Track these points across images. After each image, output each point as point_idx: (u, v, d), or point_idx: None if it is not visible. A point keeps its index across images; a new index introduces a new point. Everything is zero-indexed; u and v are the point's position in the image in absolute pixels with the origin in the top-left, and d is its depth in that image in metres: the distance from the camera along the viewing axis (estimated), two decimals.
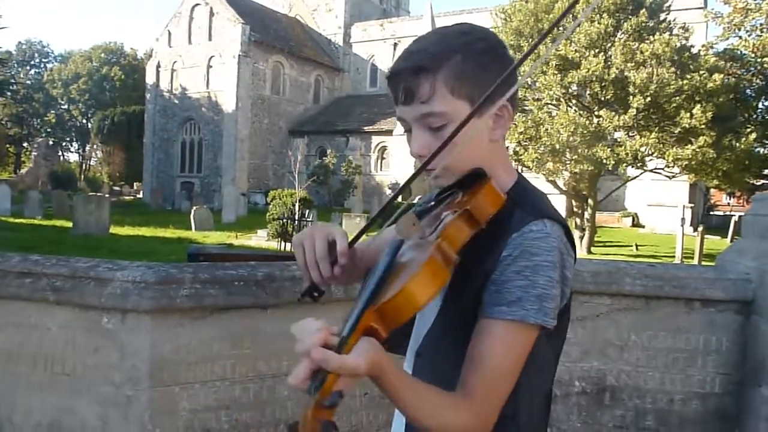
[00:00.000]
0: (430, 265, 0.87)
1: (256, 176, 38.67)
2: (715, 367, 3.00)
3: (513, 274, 0.97)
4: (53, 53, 68.08)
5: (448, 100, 1.03)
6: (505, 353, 0.97)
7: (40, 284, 2.27)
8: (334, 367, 0.79)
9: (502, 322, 0.96)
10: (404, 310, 0.86)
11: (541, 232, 0.99)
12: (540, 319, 0.96)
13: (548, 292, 0.97)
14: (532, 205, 1.05)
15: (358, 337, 0.84)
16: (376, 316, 0.86)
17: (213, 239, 17.68)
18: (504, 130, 1.10)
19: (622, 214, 31.48)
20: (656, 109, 17.66)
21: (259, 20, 39.49)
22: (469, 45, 1.05)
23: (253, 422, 2.41)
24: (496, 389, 0.96)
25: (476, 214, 0.97)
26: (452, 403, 0.94)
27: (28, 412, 2.31)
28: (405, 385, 0.90)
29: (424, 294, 0.86)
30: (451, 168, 1.05)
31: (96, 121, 54.44)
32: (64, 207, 23.29)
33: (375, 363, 0.84)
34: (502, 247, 0.99)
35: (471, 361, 0.97)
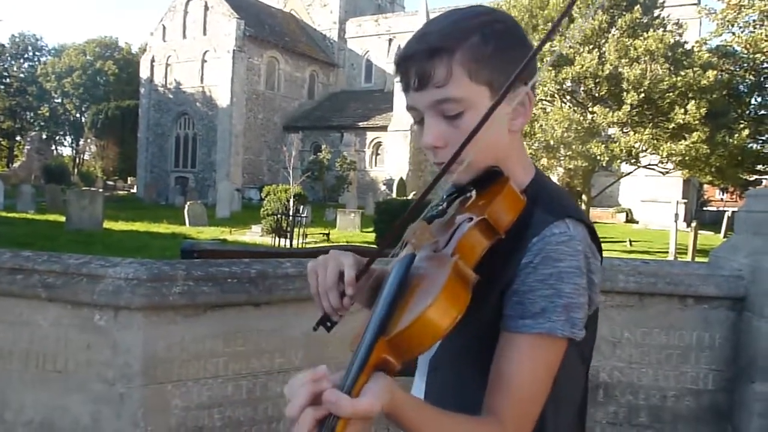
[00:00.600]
0: (449, 288, 0.78)
1: (250, 171, 38.59)
2: (708, 364, 3.01)
3: (536, 283, 0.89)
4: (47, 47, 67.67)
5: (465, 85, 0.94)
6: (533, 370, 0.89)
7: (32, 281, 2.25)
8: (346, 412, 0.70)
9: (527, 337, 0.88)
10: (422, 339, 0.76)
11: (563, 235, 0.91)
12: (568, 332, 0.88)
13: (575, 301, 0.89)
14: (553, 204, 0.96)
15: (369, 373, 0.75)
16: (389, 348, 0.76)
17: (207, 235, 17.63)
18: (525, 120, 1.01)
19: (616, 210, 31.61)
20: (650, 105, 17.72)
21: (254, 15, 39.35)
22: (487, 25, 0.96)
23: (246, 419, 2.41)
24: (526, 409, 0.89)
25: (494, 222, 0.88)
26: (481, 429, 0.87)
27: (19, 409, 2.29)
28: (427, 418, 0.81)
29: (444, 321, 0.76)
30: (468, 162, 0.93)
31: (90, 115, 54.22)
32: (58, 201, 23.17)
33: (389, 401, 0.75)
34: (523, 253, 0.91)
35: (498, 381, 0.89)
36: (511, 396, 0.88)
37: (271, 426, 2.48)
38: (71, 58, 61.65)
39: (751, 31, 22.05)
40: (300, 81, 42.10)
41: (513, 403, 0.88)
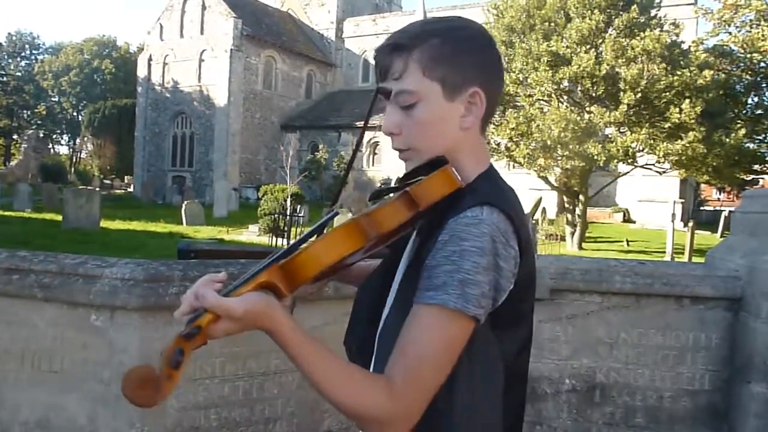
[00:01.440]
0: (345, 230, 0.89)
1: (247, 171, 38.54)
2: (705, 364, 3.02)
3: (442, 258, 0.95)
4: (44, 45, 67.47)
5: (419, 79, 1.03)
6: (428, 339, 0.93)
7: (28, 281, 2.25)
8: (209, 303, 0.83)
9: (426, 307, 0.93)
10: (307, 267, 0.88)
11: (475, 218, 0.96)
12: (460, 305, 0.92)
13: (472, 278, 0.93)
14: (484, 194, 1.01)
15: (251, 288, 0.86)
16: (279, 273, 0.88)
17: (204, 234, 17.61)
18: (476, 119, 1.07)
19: (613, 210, 31.64)
20: (647, 105, 17.72)
21: (251, 14, 39.29)
22: (451, 31, 1.05)
23: (242, 420, 2.40)
24: (419, 377, 0.92)
25: (416, 196, 0.95)
26: (370, 384, 0.92)
27: (16, 409, 2.29)
28: (309, 349, 0.89)
29: (328, 255, 0.88)
30: (418, 149, 1.06)
31: (87, 113, 54.09)
32: (54, 200, 23.14)
33: (260, 313, 0.85)
34: (440, 231, 0.97)
35: (396, 346, 0.94)
36: (405, 359, 0.92)
37: (268, 426, 2.48)
38: (68, 56, 61.51)
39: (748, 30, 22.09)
40: (297, 80, 42.05)
41: (405, 366, 0.92)
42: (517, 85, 18.90)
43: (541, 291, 2.98)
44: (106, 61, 61.33)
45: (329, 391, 0.89)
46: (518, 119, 18.36)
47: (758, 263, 2.88)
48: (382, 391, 0.91)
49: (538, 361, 3.03)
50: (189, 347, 0.81)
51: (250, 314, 0.85)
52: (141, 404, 0.79)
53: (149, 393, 0.78)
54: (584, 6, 18.14)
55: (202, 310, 0.83)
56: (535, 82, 18.29)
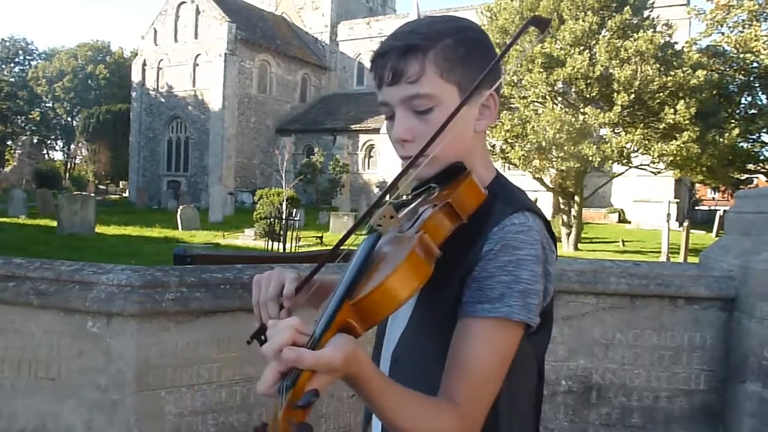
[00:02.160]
0: (412, 258, 0.82)
1: (243, 175, 38.52)
2: (700, 364, 3.03)
3: (495, 269, 0.92)
4: (37, 50, 67.21)
5: (437, 83, 0.99)
6: (490, 354, 0.91)
7: (24, 288, 2.25)
8: (308, 363, 0.72)
9: (485, 321, 0.91)
10: (384, 305, 0.81)
11: (523, 225, 0.94)
12: (524, 316, 0.91)
13: (532, 288, 0.92)
14: (513, 198, 1.01)
15: (334, 333, 0.78)
16: (353, 312, 0.80)
17: (200, 239, 17.58)
18: (489, 122, 1.06)
19: (608, 211, 31.72)
20: (641, 106, 17.77)
21: (246, 18, 39.29)
22: (460, 31, 1.02)
23: (240, 425, 2.40)
24: (482, 393, 0.91)
25: (458, 207, 0.92)
26: (437, 408, 0.89)
27: (12, 417, 2.28)
28: (385, 386, 0.84)
29: (405, 289, 0.81)
30: (436, 156, 0.98)
31: (81, 119, 53.98)
32: (49, 206, 23.07)
33: (352, 358, 0.77)
34: (483, 241, 0.94)
35: (454, 364, 0.92)
36: (467, 378, 0.90)
37: None
38: (62, 62, 61.36)
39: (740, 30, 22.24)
40: (292, 84, 42.06)
41: (469, 386, 0.90)
42: (512, 86, 18.93)
43: None
44: (100, 66, 61.19)
45: (406, 425, 0.85)
46: (513, 121, 18.40)
47: (752, 263, 2.90)
48: (451, 414, 0.88)
49: None
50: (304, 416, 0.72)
51: (347, 362, 0.76)
52: None
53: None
54: (577, 8, 18.19)
55: (296, 373, 0.73)
56: (529, 84, 18.33)
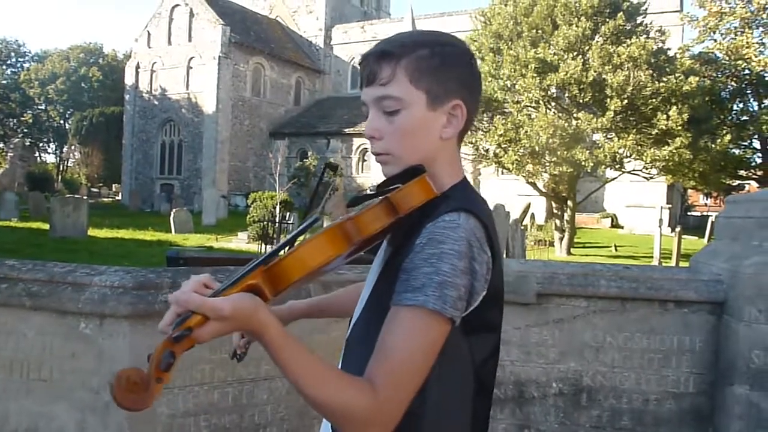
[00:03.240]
0: (328, 235, 0.92)
1: (236, 178, 38.45)
2: (689, 367, 3.06)
3: (420, 261, 0.97)
4: (30, 53, 66.84)
5: (405, 87, 1.05)
6: (407, 340, 0.94)
7: (16, 289, 2.25)
8: (194, 305, 0.83)
9: (405, 309, 0.95)
10: (291, 271, 0.90)
11: (452, 222, 0.99)
12: (439, 306, 0.94)
13: (450, 280, 0.95)
14: (460, 201, 1.05)
15: (237, 290, 0.87)
16: (264, 276, 0.89)
17: (193, 242, 17.54)
18: (455, 130, 1.11)
19: (601, 216, 31.82)
20: (633, 112, 17.89)
21: (240, 21, 39.29)
22: (438, 44, 1.09)
23: (232, 426, 2.41)
24: (400, 379, 0.93)
25: (396, 203, 0.99)
26: (351, 384, 0.92)
27: (4, 418, 2.28)
28: (294, 350, 0.89)
29: (313, 259, 0.90)
30: (396, 154, 1.08)
31: (74, 121, 53.77)
32: (41, 209, 22.98)
33: (247, 314, 0.85)
34: (417, 235, 1.00)
35: (377, 349, 0.96)
36: (386, 362, 0.93)
37: None
38: (55, 64, 61.09)
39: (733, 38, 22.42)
40: (286, 87, 42.05)
41: (387, 370, 0.93)
42: (505, 91, 19.03)
43: (529, 295, 3.02)
44: (93, 68, 60.97)
45: (312, 392, 0.89)
46: (506, 125, 18.47)
47: (741, 267, 2.93)
48: (365, 392, 0.91)
49: (526, 364, 3.06)
50: (179, 349, 0.81)
51: (238, 313, 0.85)
52: (131, 408, 0.80)
53: (139, 396, 0.79)
54: (571, 13, 18.30)
55: (189, 313, 0.83)
56: (522, 89, 18.41)
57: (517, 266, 3.12)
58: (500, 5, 20.12)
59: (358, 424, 0.91)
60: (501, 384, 3.07)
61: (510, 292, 3.02)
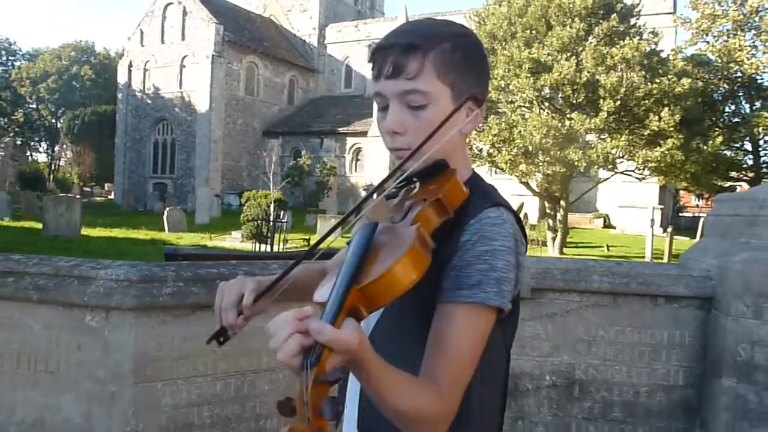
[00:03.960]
0: (414, 249, 0.87)
1: (230, 177, 38.42)
2: (679, 361, 3.13)
3: (473, 258, 0.99)
4: (21, 51, 66.44)
5: (433, 82, 1.05)
6: (467, 336, 0.97)
7: (23, 283, 2.30)
8: (329, 338, 0.76)
9: (464, 306, 0.97)
10: (388, 292, 0.85)
11: (498, 218, 1.02)
12: (499, 302, 0.98)
13: (506, 276, 0.99)
14: (487, 194, 1.08)
15: (345, 315, 0.82)
16: (360, 296, 0.84)
17: (187, 240, 17.55)
18: (474, 125, 1.14)
19: (593, 216, 32.00)
20: (626, 113, 18.02)
21: (233, 20, 39.25)
22: (457, 36, 1.09)
23: (233, 417, 2.47)
24: (461, 374, 0.97)
25: (447, 203, 0.99)
26: (422, 388, 0.93)
27: (11, 409, 2.33)
28: (384, 368, 0.87)
29: (408, 277, 0.86)
30: (422, 153, 1.04)
31: (66, 120, 53.58)
32: (33, 208, 22.92)
33: (363, 345, 0.81)
34: (460, 233, 1.01)
35: (435, 346, 0.97)
36: (447, 359, 0.96)
37: (259, 423, 2.54)
38: (46, 62, 60.80)
39: (725, 40, 22.58)
40: (279, 86, 42.05)
41: (449, 366, 0.96)
42: (499, 91, 19.11)
43: (522, 290, 3.08)
44: (85, 67, 60.70)
45: (391, 401, 0.89)
46: (500, 125, 18.57)
47: (728, 263, 3.01)
48: (433, 394, 0.93)
49: (520, 357, 3.13)
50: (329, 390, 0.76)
51: (361, 346, 0.81)
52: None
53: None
54: (565, 14, 18.40)
55: (320, 349, 0.76)
56: (516, 89, 18.50)
57: None
58: (494, 5, 20.23)
59: (429, 424, 0.94)
60: None
61: None
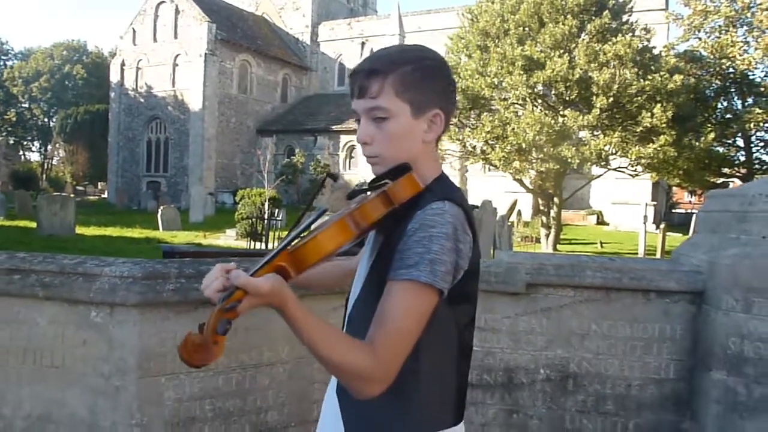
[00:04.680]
0: (339, 224, 1.10)
1: (223, 176, 38.37)
2: (670, 354, 3.20)
3: (413, 243, 1.14)
4: (13, 51, 66.19)
5: (392, 99, 1.23)
6: (401, 308, 1.12)
7: (29, 280, 2.34)
8: (241, 282, 1.01)
9: (400, 282, 1.13)
10: (313, 254, 1.08)
11: (439, 209, 1.17)
12: (430, 279, 1.12)
13: (440, 258, 1.14)
14: (441, 191, 1.24)
15: (268, 271, 1.05)
16: (289, 259, 1.07)
17: (181, 239, 17.56)
18: (436, 135, 1.30)
19: (587, 212, 32.15)
20: (619, 109, 18.09)
21: (226, 18, 39.17)
22: (420, 60, 1.26)
23: (235, 410, 2.52)
24: (396, 341, 1.11)
25: (392, 195, 1.17)
26: (356, 346, 1.09)
27: (18, 404, 2.37)
28: (309, 320, 1.07)
29: (329, 245, 1.09)
30: (385, 156, 1.26)
31: (59, 119, 53.34)
32: (27, 207, 22.86)
33: (278, 291, 1.03)
34: (408, 222, 1.17)
35: (376, 317, 1.13)
36: (383, 327, 1.11)
37: (260, 416, 2.60)
38: (38, 62, 60.51)
39: (717, 36, 22.67)
40: (273, 84, 42.00)
41: (384, 333, 1.11)
42: (492, 89, 19.16)
43: (518, 285, 3.15)
44: (77, 66, 60.45)
45: (326, 354, 1.07)
46: (493, 122, 18.62)
47: (718, 258, 3.08)
48: (367, 352, 1.09)
49: (515, 352, 3.19)
50: (232, 318, 1.01)
51: (272, 290, 1.02)
52: (196, 365, 1.02)
53: (202, 356, 1.01)
54: (557, 11, 18.46)
55: (233, 289, 1.01)
56: (509, 86, 18.57)
57: (507, 258, 3.26)
58: (487, 3, 20.25)
59: (362, 380, 1.09)
60: (491, 370, 3.21)
61: (500, 283, 3.16)
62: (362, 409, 1.20)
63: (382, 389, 1.11)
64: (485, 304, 3.16)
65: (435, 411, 1.25)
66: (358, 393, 1.12)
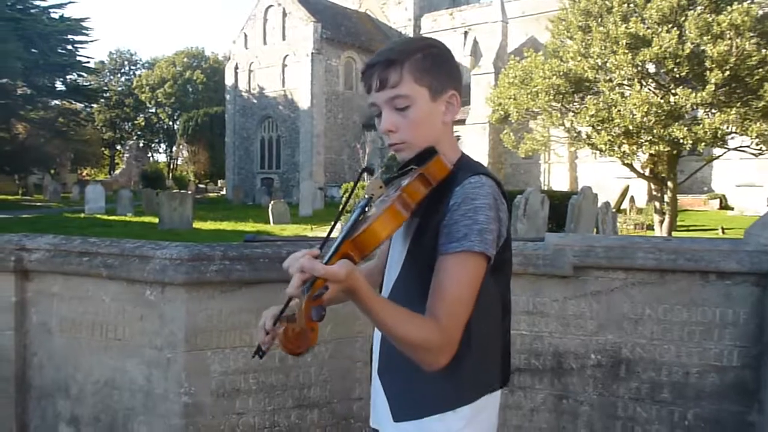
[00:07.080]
0: (390, 210, 1.19)
1: (332, 170, 39.52)
2: (733, 340, 3.02)
3: (459, 216, 1.23)
4: (141, 60, 71.84)
5: (412, 86, 1.32)
6: (459, 278, 1.21)
7: (95, 262, 2.65)
8: (320, 272, 1.08)
9: (454, 255, 1.22)
10: (371, 241, 1.17)
11: (477, 182, 1.27)
12: (482, 248, 1.22)
13: (486, 227, 1.24)
14: (471, 167, 1.34)
15: (338, 258, 1.14)
16: (352, 246, 1.16)
17: (289, 231, 18.33)
18: (453, 116, 1.39)
19: (708, 197, 30.06)
20: (738, 83, 16.79)
21: (330, 17, 40.22)
22: (427, 47, 1.37)
23: (278, 384, 2.70)
24: (456, 310, 1.20)
25: (429, 176, 1.26)
26: (422, 321, 1.19)
27: (88, 371, 2.70)
28: (378, 299, 1.17)
29: (385, 229, 1.18)
30: (411, 142, 1.34)
31: (181, 122, 57.17)
32: (153, 204, 24.73)
33: (351, 275, 1.10)
34: (449, 198, 1.26)
35: (434, 290, 1.23)
36: (443, 298, 1.21)
37: (302, 392, 2.76)
38: (162, 69, 65.19)
39: None
40: None
41: (445, 304, 1.21)
42: (596, 70, 18.38)
43: (565, 268, 3.10)
44: (196, 71, 64.50)
45: (397, 330, 1.17)
46: (598, 105, 17.85)
47: None
48: (433, 326, 1.19)
49: (564, 336, 3.15)
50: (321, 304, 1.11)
51: (347, 276, 1.10)
52: (299, 353, 1.11)
53: (302, 343, 1.10)
54: None
55: (313, 278, 1.10)
56: (614, 67, 17.73)
57: (555, 240, 3.21)
58: None
59: (431, 351, 1.20)
60: (540, 355, 3.18)
61: (547, 265, 3.13)
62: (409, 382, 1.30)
63: (449, 358, 1.21)
64: (533, 287, 3.15)
65: (483, 375, 1.34)
66: (429, 365, 1.21)
